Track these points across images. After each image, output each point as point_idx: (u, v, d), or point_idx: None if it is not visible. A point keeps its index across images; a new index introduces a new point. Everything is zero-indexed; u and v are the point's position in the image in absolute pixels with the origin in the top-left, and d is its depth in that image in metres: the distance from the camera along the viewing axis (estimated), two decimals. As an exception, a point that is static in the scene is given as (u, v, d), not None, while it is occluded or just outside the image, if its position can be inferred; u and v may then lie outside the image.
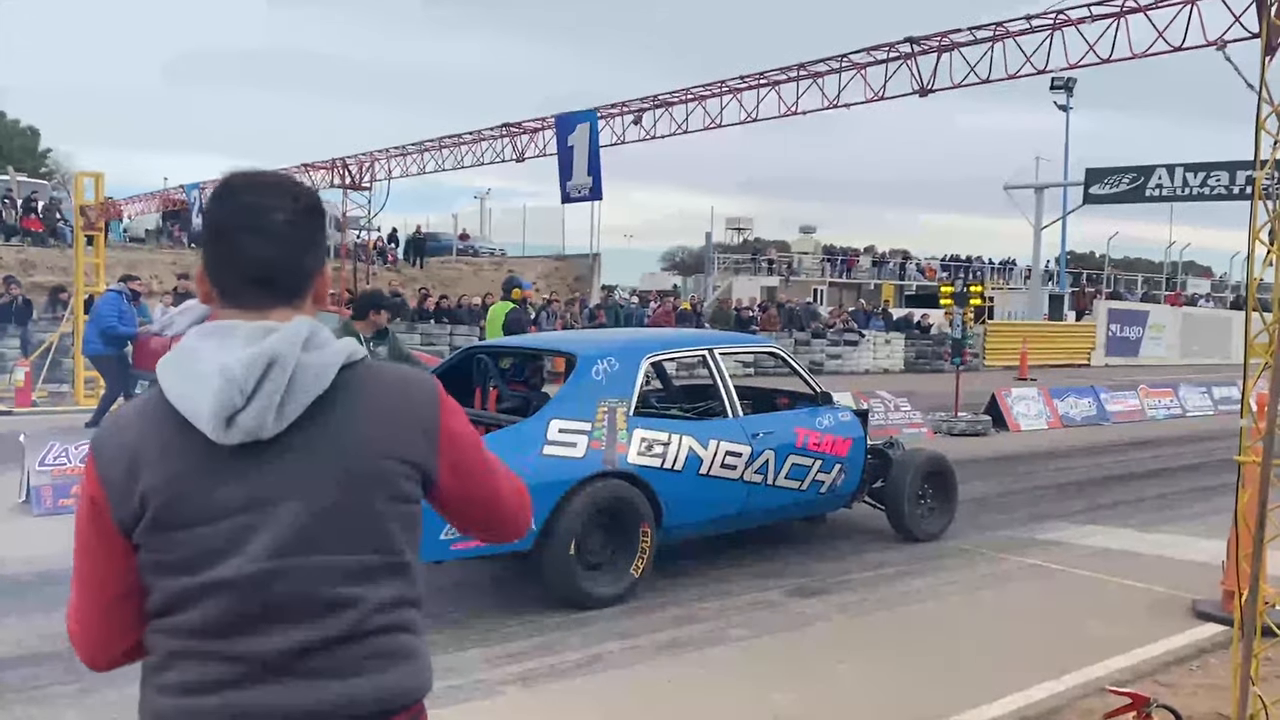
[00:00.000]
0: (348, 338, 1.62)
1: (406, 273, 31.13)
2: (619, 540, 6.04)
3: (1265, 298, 4.62)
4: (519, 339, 8.82)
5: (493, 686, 4.80)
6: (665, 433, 6.28)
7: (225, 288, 1.57)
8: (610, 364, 6.26)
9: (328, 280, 1.67)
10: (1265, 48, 4.37)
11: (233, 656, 1.48)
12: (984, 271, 47.08)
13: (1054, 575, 7.07)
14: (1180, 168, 28.66)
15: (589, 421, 5.96)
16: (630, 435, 6.09)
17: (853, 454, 7.33)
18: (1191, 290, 53.85)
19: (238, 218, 1.56)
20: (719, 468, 6.45)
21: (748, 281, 40.34)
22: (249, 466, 1.49)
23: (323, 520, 1.51)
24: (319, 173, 13.34)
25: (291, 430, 1.50)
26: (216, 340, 1.51)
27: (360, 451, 1.53)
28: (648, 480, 6.08)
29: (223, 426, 1.47)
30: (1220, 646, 5.59)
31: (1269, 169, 4.34)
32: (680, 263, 59.03)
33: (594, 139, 8.75)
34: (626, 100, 8.85)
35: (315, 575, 1.50)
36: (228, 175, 1.61)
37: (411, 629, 1.61)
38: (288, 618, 1.49)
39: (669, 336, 8.52)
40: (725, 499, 6.55)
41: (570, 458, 5.81)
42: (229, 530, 1.49)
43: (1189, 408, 18.04)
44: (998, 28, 6.31)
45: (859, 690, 4.91)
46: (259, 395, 1.47)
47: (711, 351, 7.02)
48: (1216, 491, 9.80)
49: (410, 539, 1.61)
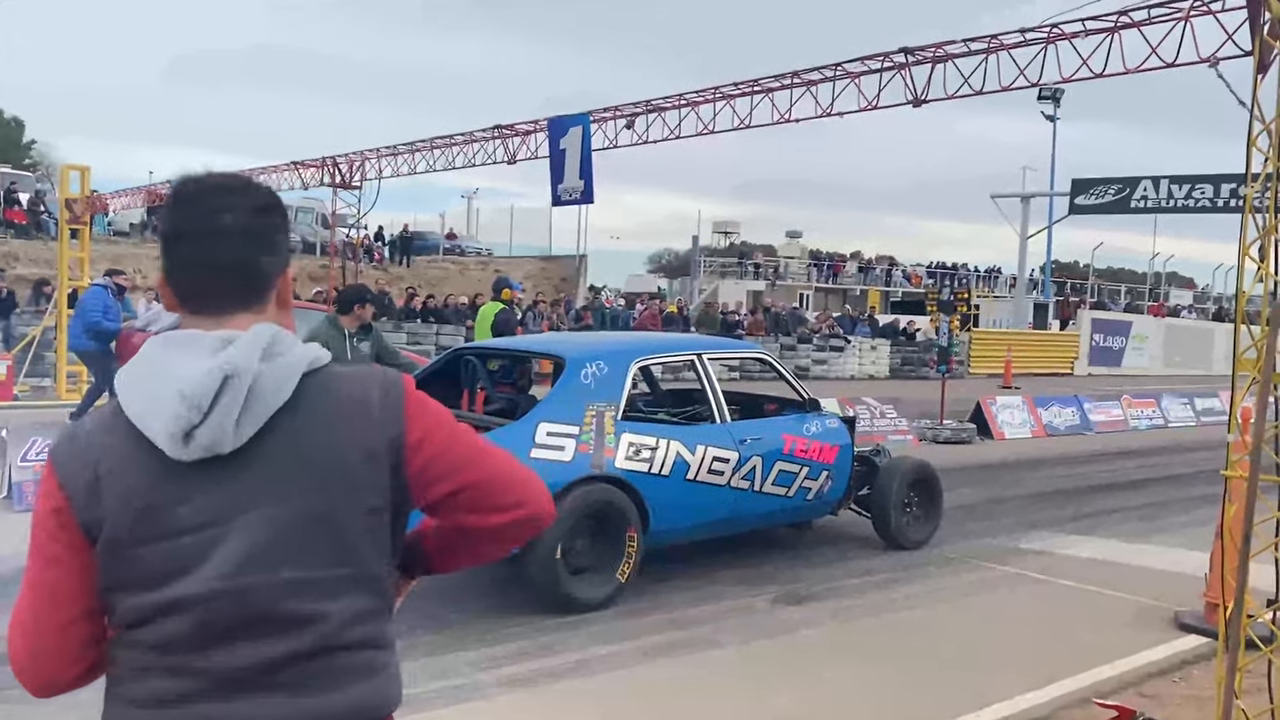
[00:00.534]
0: (311, 343, 1.57)
1: (393, 271, 31.05)
2: (605, 544, 6.04)
3: (1248, 310, 4.67)
4: (507, 341, 8.79)
5: (488, 688, 4.80)
6: (653, 437, 6.27)
7: (184, 294, 1.54)
8: (599, 367, 6.25)
9: (290, 282, 1.63)
10: (1258, 66, 4.42)
11: (200, 671, 1.46)
12: (969, 279, 47.30)
13: (1039, 584, 7.11)
14: (1165, 180, 28.89)
15: (577, 425, 5.95)
16: (618, 439, 6.07)
17: (839, 461, 7.34)
18: (1174, 301, 54.23)
19: (191, 222, 1.53)
20: (706, 473, 6.45)
21: (734, 285, 40.42)
22: (209, 481, 1.46)
23: (286, 534, 1.47)
24: (309, 171, 13.30)
25: (253, 443, 1.47)
26: (175, 351, 1.48)
27: (323, 462, 1.50)
28: (635, 485, 6.08)
29: (179, 443, 1.44)
30: (1202, 658, 5.63)
31: (1259, 185, 4.39)
32: (666, 265, 59.14)
33: (586, 142, 8.75)
34: (619, 104, 8.85)
35: (279, 591, 1.47)
36: (180, 179, 1.58)
37: (380, 644, 1.57)
38: (254, 633, 1.46)
39: (658, 341, 8.55)
40: (712, 505, 6.55)
41: (558, 461, 5.79)
42: (191, 546, 1.46)
43: (1171, 418, 18.16)
44: (992, 40, 6.34)
45: (852, 695, 4.93)
46: (215, 410, 1.43)
47: (700, 356, 7.01)
48: (1198, 503, 9.87)
49: (379, 550, 1.56)
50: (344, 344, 7.17)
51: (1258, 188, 4.37)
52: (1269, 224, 4.38)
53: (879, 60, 7.06)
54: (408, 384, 1.62)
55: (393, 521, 1.58)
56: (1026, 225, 36.06)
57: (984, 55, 6.45)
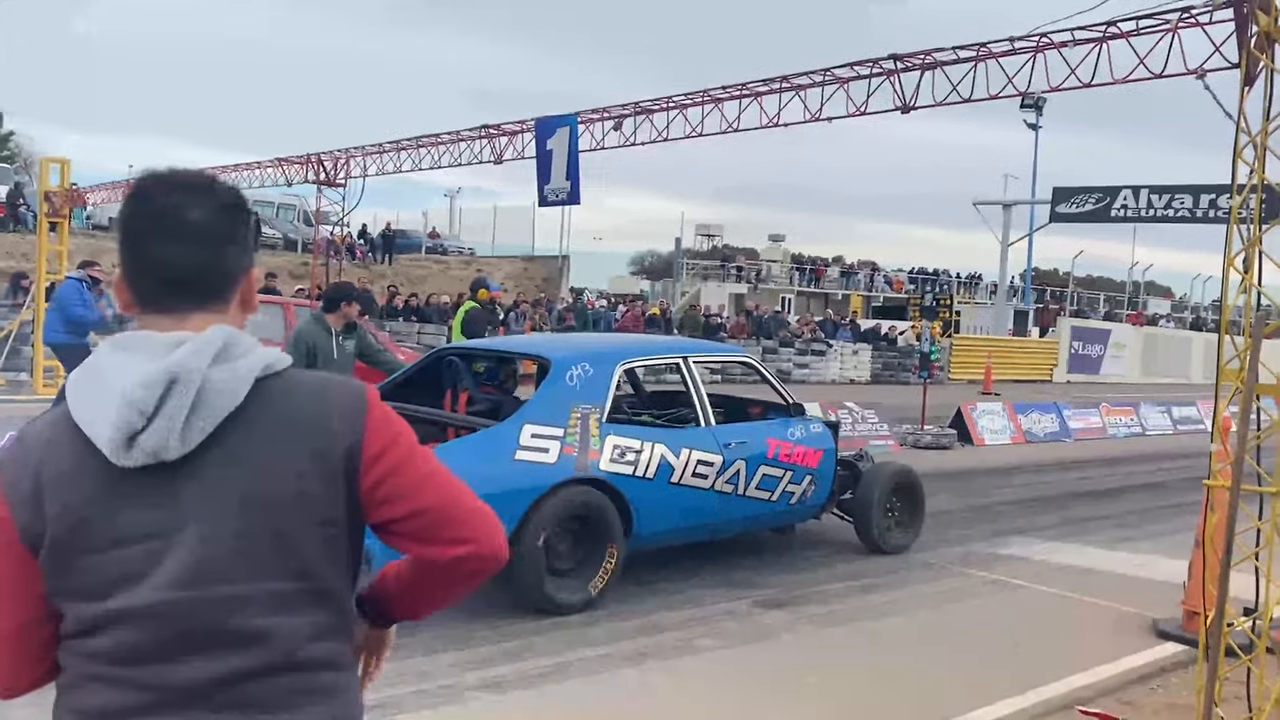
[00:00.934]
0: (271, 348, 1.51)
1: (375, 269, 30.92)
2: (588, 547, 6.02)
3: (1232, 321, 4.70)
4: (492, 341, 8.76)
5: (462, 692, 4.77)
6: (638, 440, 6.26)
7: (142, 293, 1.49)
8: (584, 369, 6.24)
9: (254, 283, 1.58)
10: (1244, 78, 4.45)
11: (146, 685, 1.41)
12: (951, 285, 47.56)
13: (1018, 590, 7.14)
14: (1145, 189, 29.15)
15: (562, 427, 5.93)
16: (603, 442, 6.06)
17: (823, 466, 7.35)
18: (1152, 310, 54.73)
19: (151, 219, 1.48)
20: (690, 476, 6.45)
21: (716, 288, 40.47)
22: (155, 490, 1.41)
23: (233, 546, 1.42)
24: (293, 167, 13.23)
25: (201, 451, 1.41)
26: (125, 354, 1.43)
27: (275, 471, 1.44)
28: (619, 488, 6.06)
29: (122, 448, 1.39)
30: (1180, 665, 5.67)
31: (1244, 197, 4.42)
32: (649, 267, 59.13)
33: (573, 144, 8.73)
34: (607, 106, 8.83)
35: (226, 605, 1.41)
36: (141, 176, 1.54)
37: (338, 664, 1.51)
38: (200, 648, 1.41)
39: (643, 343, 8.54)
40: (696, 508, 6.55)
41: (542, 463, 5.78)
42: (135, 557, 1.40)
43: (1149, 426, 18.31)
44: (980, 48, 6.37)
45: (830, 702, 4.93)
46: (160, 415, 1.38)
47: (685, 359, 7.02)
48: (1176, 511, 9.94)
49: (335, 564, 1.49)
50: (330, 342, 7.11)
51: (1242, 199, 4.40)
52: (1253, 236, 4.41)
53: (868, 66, 7.08)
54: (371, 395, 1.55)
55: (349, 536, 1.52)
56: (1008, 232, 36.26)
57: (973, 63, 6.47)
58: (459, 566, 1.56)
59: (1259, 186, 4.39)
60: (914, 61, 6.74)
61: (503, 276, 33.59)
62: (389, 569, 1.67)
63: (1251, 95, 4.38)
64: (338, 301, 7.33)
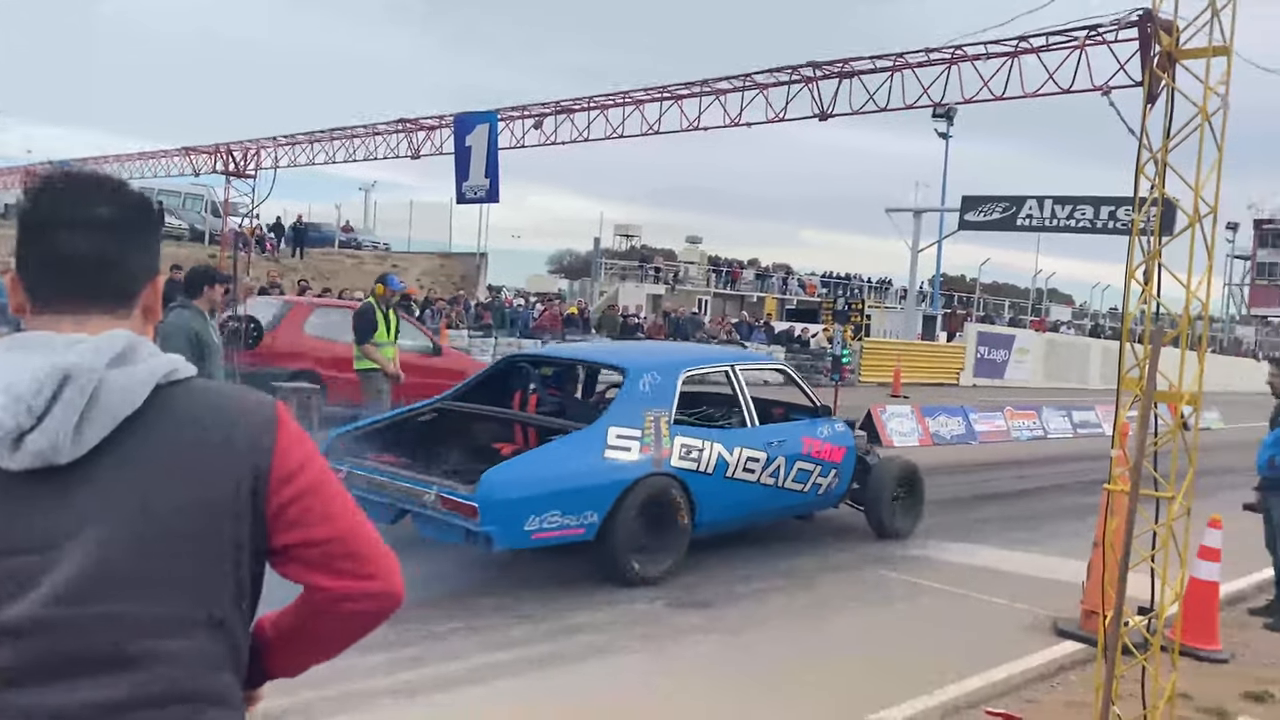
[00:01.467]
0: (175, 354, 1.42)
1: (286, 263, 30.20)
2: (661, 531, 6.82)
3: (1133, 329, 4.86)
4: (562, 349, 9.52)
5: (372, 697, 4.67)
6: (699, 440, 7.12)
7: (39, 293, 1.41)
8: (654, 378, 7.12)
9: (159, 290, 1.50)
10: (1147, 96, 4.61)
11: (19, 709, 1.29)
12: (863, 290, 48.47)
13: (927, 591, 7.28)
14: (1050, 200, 30.10)
15: (639, 429, 6.78)
16: (672, 441, 6.91)
17: (845, 461, 8.25)
18: (1054, 317, 56.53)
19: (55, 215, 1.40)
20: (742, 471, 7.31)
21: (634, 289, 40.52)
22: (43, 497, 1.31)
23: (125, 561, 1.31)
24: (201, 156, 12.83)
25: (95, 456, 1.32)
26: (20, 353, 1.34)
27: (174, 483, 1.34)
28: (686, 481, 6.91)
29: (9, 449, 1.30)
30: (1079, 664, 5.85)
31: (1145, 211, 4.57)
32: (568, 266, 58.97)
33: (493, 141, 8.62)
34: (528, 104, 8.76)
35: (112, 624, 1.31)
36: (51, 169, 1.46)
37: (226, 701, 1.40)
38: (79, 672, 1.29)
39: (698, 353, 9.78)
40: (745, 499, 7.41)
41: (627, 460, 6.64)
42: (17, 569, 1.30)
43: (1050, 430, 18.88)
44: (897, 59, 6.48)
45: (736, 703, 4.96)
46: (51, 415, 1.29)
47: (733, 367, 7.91)
48: (1076, 512, 10.25)
49: (232, 591, 1.40)
50: (209, 328, 6.86)
51: (1144, 213, 4.56)
52: (1153, 249, 4.57)
53: (788, 73, 7.15)
54: (281, 411, 1.47)
55: (250, 560, 1.42)
56: (918, 239, 37.08)
57: (889, 73, 6.59)
58: (359, 601, 1.48)
59: (1159, 201, 4.55)
60: (832, 70, 6.83)
61: (419, 273, 33.15)
62: (266, 618, 1.57)
63: (1154, 113, 4.54)
64: (200, 285, 7.08)
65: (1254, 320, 77.75)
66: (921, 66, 6.42)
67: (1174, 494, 4.42)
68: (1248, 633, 6.79)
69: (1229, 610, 7.06)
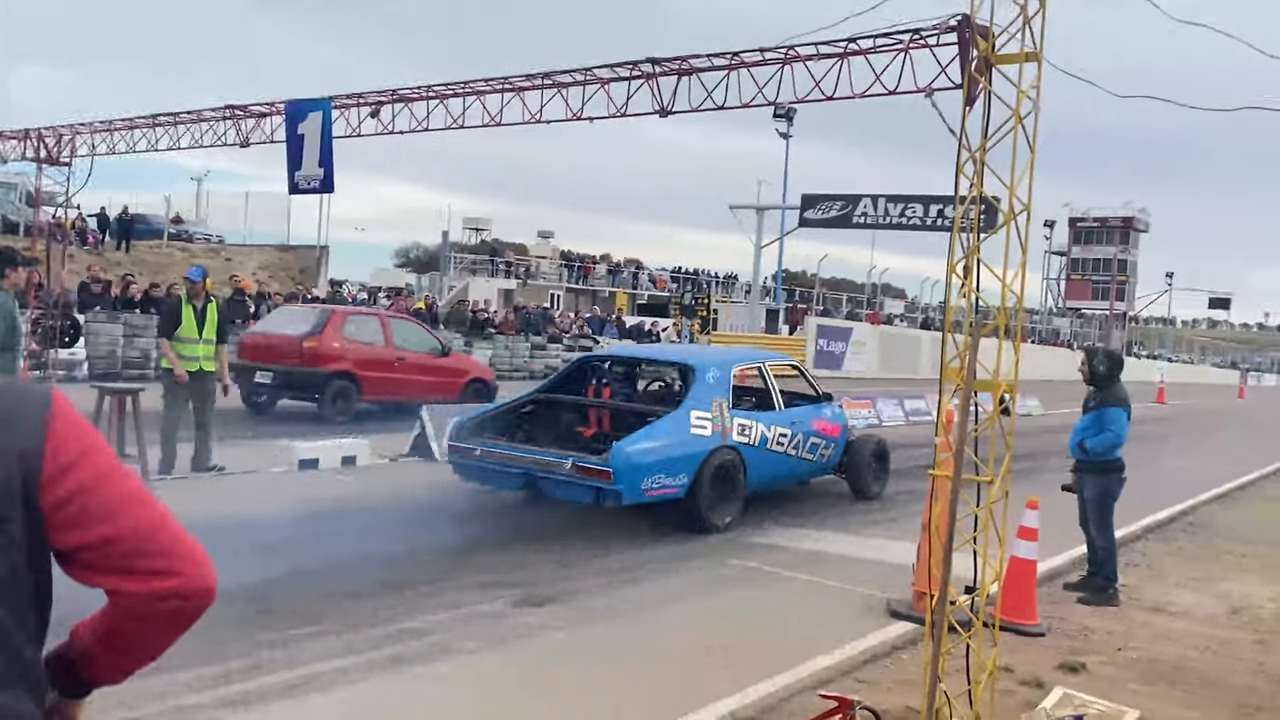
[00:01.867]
0: None
1: (109, 256, 28.52)
2: (726, 491, 8.68)
3: (955, 322, 5.08)
4: (637, 350, 12.35)
5: (204, 711, 4.43)
6: (749, 420, 9.12)
7: None
8: (716, 373, 9.08)
9: None
10: (966, 98, 4.82)
11: None
12: (709, 285, 49.32)
13: (769, 577, 7.45)
14: (883, 198, 31.38)
15: (709, 412, 8.66)
16: (732, 421, 8.84)
17: (840, 437, 10.47)
18: (888, 310, 58.91)
19: None
20: (776, 445, 9.34)
21: (485, 283, 40.05)
22: None
23: None
24: (9, 143, 11.95)
25: None
26: None
27: None
28: (742, 452, 8.84)
29: None
30: (910, 643, 6.09)
31: (964, 208, 4.78)
32: (415, 260, 57.81)
33: (327, 129, 8.35)
34: (363, 92, 8.50)
35: None
36: None
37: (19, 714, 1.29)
38: None
39: (743, 353, 12.57)
40: (778, 466, 9.50)
41: (704, 436, 8.52)
42: None
43: (884, 418, 19.67)
44: (734, 57, 6.60)
45: (581, 697, 4.94)
46: None
47: (764, 364, 10.19)
48: (911, 497, 10.70)
49: (13, 596, 1.29)
50: (14, 309, 6.59)
51: (963, 211, 4.76)
52: (972, 245, 4.78)
53: (627, 68, 7.18)
54: (58, 400, 1.35)
55: (29, 565, 1.30)
56: (761, 235, 37.97)
57: (726, 71, 6.69)
58: (161, 604, 1.37)
59: (978, 199, 4.76)
60: (671, 66, 6.89)
61: (255, 266, 31.88)
62: (81, 623, 1.46)
63: (972, 114, 4.74)
64: (2, 269, 6.84)
65: (1069, 313, 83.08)
66: (757, 65, 6.56)
67: (993, 478, 4.64)
68: (1063, 607, 7.20)
69: (1046, 586, 7.48)
